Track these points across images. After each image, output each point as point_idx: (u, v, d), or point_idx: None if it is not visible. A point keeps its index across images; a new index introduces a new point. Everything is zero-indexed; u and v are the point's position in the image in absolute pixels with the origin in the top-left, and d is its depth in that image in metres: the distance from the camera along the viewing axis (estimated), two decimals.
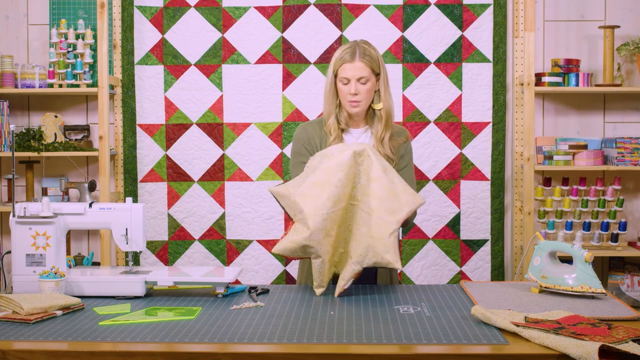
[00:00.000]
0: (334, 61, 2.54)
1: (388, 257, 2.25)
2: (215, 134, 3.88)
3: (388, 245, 2.25)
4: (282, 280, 3.89)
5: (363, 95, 2.52)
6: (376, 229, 2.26)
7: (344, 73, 2.51)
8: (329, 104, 2.58)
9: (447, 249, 3.88)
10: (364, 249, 2.28)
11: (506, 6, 3.82)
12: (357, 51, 2.51)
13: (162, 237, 3.91)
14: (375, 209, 2.27)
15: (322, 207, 2.27)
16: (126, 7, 3.86)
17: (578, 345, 1.70)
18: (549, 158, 3.75)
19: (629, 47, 3.75)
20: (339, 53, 2.54)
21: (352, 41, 2.59)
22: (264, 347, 1.79)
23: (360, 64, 2.50)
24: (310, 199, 2.29)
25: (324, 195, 2.28)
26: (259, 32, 3.86)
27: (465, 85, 3.85)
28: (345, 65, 2.50)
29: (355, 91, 2.50)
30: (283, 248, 2.34)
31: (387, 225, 2.26)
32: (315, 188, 2.30)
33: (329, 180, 2.29)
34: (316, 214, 2.27)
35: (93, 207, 2.42)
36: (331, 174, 2.29)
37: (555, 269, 2.29)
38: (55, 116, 3.89)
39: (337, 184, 2.28)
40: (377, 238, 2.26)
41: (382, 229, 2.26)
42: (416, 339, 1.84)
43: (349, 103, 2.53)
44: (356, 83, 2.50)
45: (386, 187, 2.29)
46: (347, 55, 2.51)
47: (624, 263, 3.79)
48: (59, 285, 2.24)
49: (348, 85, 2.51)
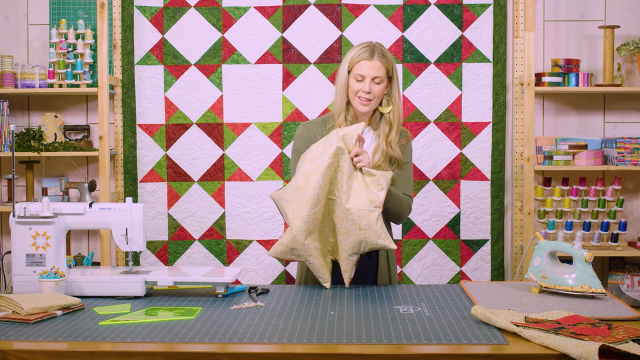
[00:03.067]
0: (350, 58, 2.54)
1: (381, 242, 2.38)
2: (215, 134, 3.88)
3: (378, 231, 2.38)
4: (282, 280, 3.89)
5: (375, 95, 2.52)
6: (362, 221, 2.36)
7: (360, 70, 2.51)
8: (341, 101, 2.57)
9: (447, 249, 3.88)
10: (356, 241, 2.39)
11: (506, 6, 3.82)
12: (376, 51, 2.53)
13: (162, 237, 3.91)
14: (354, 204, 2.37)
15: (301, 209, 2.38)
16: (126, 7, 3.86)
17: (578, 345, 1.70)
18: (549, 158, 3.76)
19: (629, 47, 3.75)
20: (356, 51, 2.54)
21: (368, 41, 2.59)
22: (264, 347, 1.79)
23: (378, 63, 2.51)
24: (292, 204, 2.41)
25: (303, 198, 2.38)
26: (259, 32, 3.86)
27: (465, 85, 3.85)
28: (363, 62, 2.51)
29: (369, 89, 2.50)
30: (274, 251, 2.47)
31: (370, 214, 2.37)
32: (295, 192, 2.40)
33: (307, 183, 2.38)
34: (296, 217, 2.39)
35: (93, 207, 2.42)
36: (309, 178, 2.38)
37: (555, 269, 2.29)
38: (55, 116, 3.89)
39: (314, 186, 2.37)
40: (365, 229, 2.37)
41: (367, 219, 2.36)
42: (416, 339, 1.84)
43: (360, 100, 2.52)
44: (371, 82, 2.51)
45: (361, 180, 2.40)
46: (366, 53, 2.52)
47: (624, 263, 3.79)
48: (59, 285, 2.24)
49: (362, 83, 2.51)
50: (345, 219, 2.37)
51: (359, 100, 2.52)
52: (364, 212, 2.36)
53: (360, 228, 2.36)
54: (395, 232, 3.76)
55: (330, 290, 2.43)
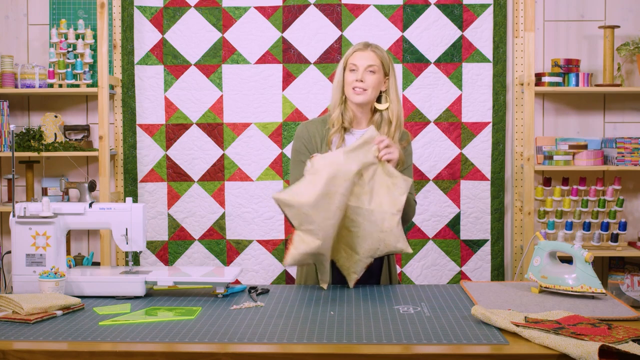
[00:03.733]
0: (346, 55, 2.58)
1: (400, 245, 2.39)
2: (215, 134, 3.88)
3: (398, 235, 2.39)
4: (282, 280, 3.89)
5: (369, 84, 2.51)
6: (384, 223, 2.36)
7: (353, 60, 2.54)
8: (336, 97, 2.58)
9: (447, 249, 3.88)
10: (374, 243, 2.39)
11: (506, 6, 3.82)
12: (370, 44, 2.57)
13: (162, 237, 3.91)
14: (377, 204, 2.36)
15: (332, 216, 2.32)
16: (126, 7, 3.86)
17: (578, 345, 1.70)
18: (549, 158, 3.75)
19: (629, 47, 3.75)
20: (351, 48, 2.59)
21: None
22: (264, 347, 1.79)
23: (371, 54, 2.54)
24: (321, 211, 2.31)
25: (333, 205, 2.32)
26: (259, 32, 3.86)
27: (465, 85, 3.85)
28: (357, 53, 2.55)
29: (361, 78, 2.50)
30: (293, 260, 2.35)
31: (392, 217, 2.37)
32: (325, 199, 2.31)
33: (337, 190, 2.32)
34: (327, 224, 2.32)
35: (93, 207, 2.42)
36: (339, 184, 2.33)
37: (555, 269, 2.29)
38: (55, 116, 3.89)
39: (345, 192, 2.33)
40: (387, 231, 2.37)
41: (390, 221, 2.36)
42: (416, 339, 1.84)
43: (353, 91, 2.52)
44: (364, 71, 2.51)
45: (382, 182, 2.39)
46: (359, 45, 2.57)
47: (624, 263, 3.79)
48: (59, 285, 2.24)
49: (355, 72, 2.52)
50: (367, 220, 2.36)
51: (354, 91, 2.52)
52: (387, 214, 2.35)
53: (382, 230, 2.36)
54: None
55: (330, 290, 2.43)
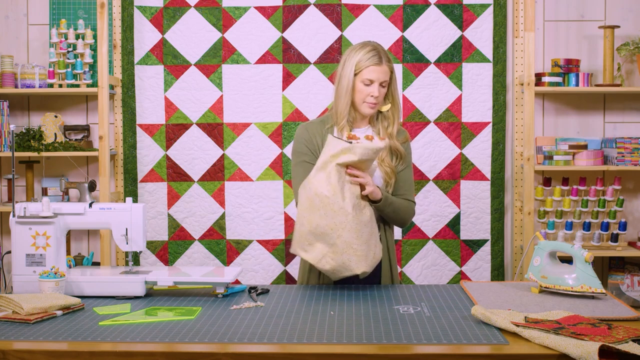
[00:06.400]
0: (357, 62, 2.51)
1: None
2: (215, 134, 3.88)
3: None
4: (282, 280, 3.89)
5: (381, 98, 2.55)
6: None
7: (369, 75, 2.50)
8: (345, 104, 2.55)
9: (447, 249, 3.88)
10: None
11: (506, 6, 3.82)
12: (383, 56, 2.53)
13: (162, 237, 3.91)
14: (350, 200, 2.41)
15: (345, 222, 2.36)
16: (126, 7, 3.86)
17: (578, 345, 1.70)
18: (549, 158, 3.75)
19: (629, 47, 3.75)
20: (362, 54, 2.52)
21: (368, 42, 2.58)
22: (264, 347, 1.79)
23: (386, 68, 2.53)
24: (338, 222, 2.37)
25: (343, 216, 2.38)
26: (259, 32, 3.86)
27: (465, 85, 3.85)
28: (373, 67, 2.50)
29: (378, 94, 2.52)
30: (332, 270, 2.40)
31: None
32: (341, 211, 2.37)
33: (343, 199, 2.37)
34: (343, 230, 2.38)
35: (93, 207, 2.42)
36: (342, 194, 2.37)
37: (555, 269, 2.29)
38: (55, 116, 3.89)
39: (351, 197, 2.39)
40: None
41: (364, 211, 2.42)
42: (416, 339, 1.84)
43: (368, 104, 2.53)
44: (379, 86, 2.52)
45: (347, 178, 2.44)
46: (374, 58, 2.51)
47: (624, 263, 3.79)
48: (59, 285, 2.24)
49: (371, 87, 2.51)
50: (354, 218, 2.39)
51: (367, 104, 2.53)
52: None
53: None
54: (395, 232, 3.76)
55: (330, 290, 2.42)
